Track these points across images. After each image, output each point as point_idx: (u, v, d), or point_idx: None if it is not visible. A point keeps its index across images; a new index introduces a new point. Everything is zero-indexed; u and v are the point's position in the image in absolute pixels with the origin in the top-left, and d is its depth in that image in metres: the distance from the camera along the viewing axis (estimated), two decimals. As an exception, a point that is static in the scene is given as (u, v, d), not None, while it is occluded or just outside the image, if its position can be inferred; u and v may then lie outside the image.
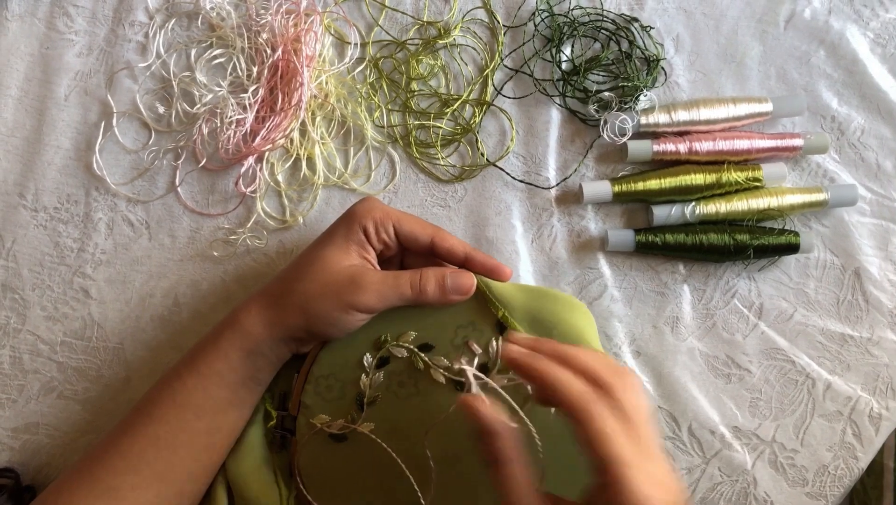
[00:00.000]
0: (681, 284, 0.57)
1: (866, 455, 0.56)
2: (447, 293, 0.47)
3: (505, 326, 0.47)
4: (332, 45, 0.59)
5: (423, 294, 0.47)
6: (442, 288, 0.47)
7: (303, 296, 0.46)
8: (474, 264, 0.49)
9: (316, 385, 0.49)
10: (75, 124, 0.58)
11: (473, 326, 0.48)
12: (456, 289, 0.47)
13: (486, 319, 0.47)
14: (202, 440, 0.46)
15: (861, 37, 0.60)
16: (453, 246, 0.48)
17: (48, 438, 0.55)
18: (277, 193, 0.58)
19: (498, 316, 0.47)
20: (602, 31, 0.59)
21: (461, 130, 0.59)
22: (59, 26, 0.59)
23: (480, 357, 0.47)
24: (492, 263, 0.49)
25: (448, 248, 0.48)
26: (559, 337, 0.46)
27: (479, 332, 0.47)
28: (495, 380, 0.45)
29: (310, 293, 0.46)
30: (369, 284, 0.46)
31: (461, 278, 0.48)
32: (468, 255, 0.49)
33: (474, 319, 0.48)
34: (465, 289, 0.48)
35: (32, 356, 0.56)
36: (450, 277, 0.47)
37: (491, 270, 0.49)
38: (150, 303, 0.56)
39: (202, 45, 0.59)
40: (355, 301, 0.45)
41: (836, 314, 0.57)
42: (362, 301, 0.45)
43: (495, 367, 0.47)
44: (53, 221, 0.57)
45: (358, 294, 0.45)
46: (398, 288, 0.46)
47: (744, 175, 0.56)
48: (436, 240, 0.48)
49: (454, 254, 0.48)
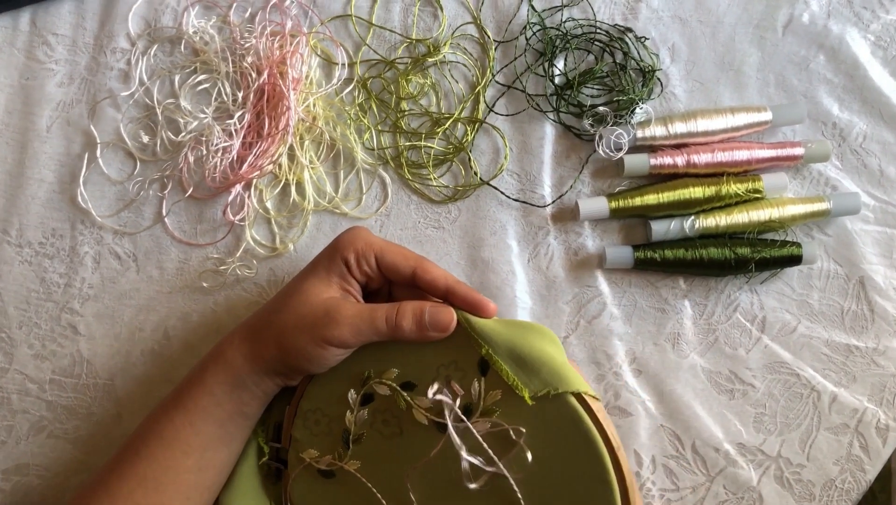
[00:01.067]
0: (681, 300, 0.56)
1: (874, 468, 0.56)
2: (424, 330, 0.45)
3: (488, 366, 0.45)
4: (319, 67, 0.58)
5: (398, 330, 0.45)
6: (419, 324, 0.45)
7: (279, 328, 0.45)
8: (456, 298, 0.46)
9: (305, 419, 0.48)
10: (58, 156, 0.57)
11: (455, 365, 0.46)
12: (434, 325, 0.45)
13: (469, 358, 0.45)
14: (191, 478, 0.46)
15: (861, 40, 0.59)
16: (435, 278, 0.46)
17: (39, 478, 0.54)
18: (267, 221, 0.57)
19: (482, 353, 0.45)
20: (595, 43, 0.57)
21: (453, 150, 0.57)
22: (39, 56, 0.58)
23: (463, 398, 0.45)
24: (474, 298, 0.46)
25: (430, 281, 0.46)
26: (548, 375, 0.44)
27: (462, 371, 0.45)
28: (478, 424, 0.44)
29: (286, 326, 0.45)
30: (344, 317, 0.44)
31: (440, 315, 0.45)
32: (449, 287, 0.46)
33: (456, 358, 0.46)
34: (444, 326, 0.45)
35: (21, 396, 0.55)
36: (428, 313, 0.45)
37: (473, 305, 0.46)
38: (140, 337, 0.55)
39: (186, 71, 0.58)
40: (328, 335, 0.44)
41: (840, 325, 0.57)
42: (335, 335, 0.44)
43: (478, 410, 0.45)
44: (39, 257, 0.56)
45: (331, 328, 0.44)
46: (373, 322, 0.44)
47: (744, 186, 0.55)
48: (418, 271, 0.46)
49: (435, 287, 0.46)
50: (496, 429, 0.44)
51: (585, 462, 0.43)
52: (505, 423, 0.44)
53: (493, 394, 0.45)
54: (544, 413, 0.44)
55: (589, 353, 0.56)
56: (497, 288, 0.56)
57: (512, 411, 0.44)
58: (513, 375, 0.44)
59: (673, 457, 0.55)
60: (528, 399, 0.44)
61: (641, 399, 0.55)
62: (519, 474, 0.44)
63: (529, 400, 0.44)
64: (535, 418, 0.44)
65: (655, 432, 0.55)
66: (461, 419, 0.42)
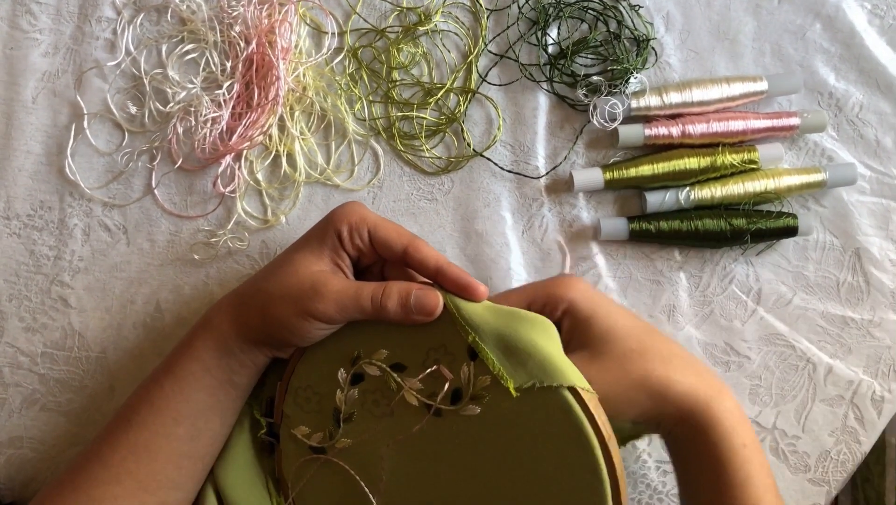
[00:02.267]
0: (677, 272, 0.56)
1: (869, 439, 0.56)
2: (409, 312, 0.44)
3: (476, 352, 0.44)
4: (309, 36, 0.57)
5: (382, 310, 0.44)
6: (404, 306, 0.44)
7: (265, 297, 0.45)
8: (445, 279, 0.45)
9: (295, 396, 0.48)
10: (45, 128, 0.56)
11: (445, 348, 0.45)
12: (419, 309, 0.44)
13: (458, 343, 0.44)
14: (182, 447, 0.45)
15: (858, 8, 0.58)
16: (426, 257, 0.45)
17: (33, 451, 0.54)
18: (258, 192, 0.56)
19: (468, 341, 0.44)
20: (589, 11, 0.57)
21: (446, 120, 0.57)
22: (23, 25, 0.57)
23: (453, 382, 0.44)
24: (464, 280, 0.45)
25: (420, 260, 0.45)
26: (535, 367, 0.43)
27: (451, 355, 0.45)
28: (469, 409, 0.44)
29: (272, 295, 0.45)
30: (330, 292, 0.43)
31: (426, 298, 0.44)
32: (440, 268, 0.45)
33: (446, 342, 0.45)
34: (429, 310, 0.44)
35: (13, 369, 0.55)
36: (414, 296, 0.44)
37: (463, 287, 0.45)
38: (132, 310, 0.55)
39: (173, 41, 0.57)
40: (312, 308, 0.43)
41: (836, 297, 0.56)
42: (319, 309, 0.43)
43: (467, 394, 0.45)
44: (27, 229, 0.55)
45: (316, 301, 0.43)
46: (358, 300, 0.44)
47: (739, 157, 0.55)
48: (409, 249, 0.45)
49: (426, 266, 0.45)
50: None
51: (574, 455, 0.43)
52: (493, 410, 0.44)
53: (482, 379, 0.44)
54: (531, 404, 0.43)
55: (583, 325, 0.56)
56: (491, 260, 0.56)
57: (501, 397, 0.44)
58: (499, 365, 0.43)
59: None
60: (512, 391, 0.43)
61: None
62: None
63: (514, 392, 0.43)
64: (522, 408, 0.43)
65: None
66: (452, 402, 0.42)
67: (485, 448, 0.44)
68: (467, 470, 0.45)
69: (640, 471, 0.55)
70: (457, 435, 0.44)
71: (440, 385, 0.44)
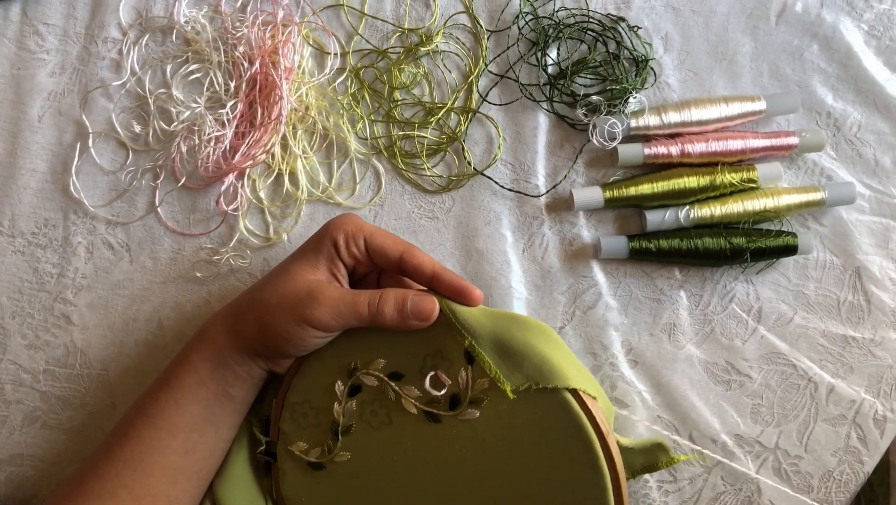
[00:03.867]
0: (677, 290, 0.56)
1: (872, 459, 0.55)
2: (406, 318, 0.44)
3: (473, 357, 0.44)
4: (312, 56, 0.58)
5: (379, 316, 0.44)
6: (401, 312, 0.44)
7: (261, 306, 0.45)
8: (441, 285, 0.45)
9: (292, 411, 0.48)
10: (50, 146, 0.57)
11: (442, 354, 0.45)
12: (416, 314, 0.44)
13: (455, 348, 0.45)
14: (178, 461, 0.45)
15: (855, 29, 0.58)
16: (421, 264, 0.45)
17: (33, 469, 0.54)
18: (260, 210, 0.57)
19: (465, 345, 0.44)
20: (588, 32, 0.57)
21: (447, 139, 0.57)
22: (30, 45, 0.58)
23: (450, 388, 0.45)
24: (459, 285, 0.45)
25: (416, 265, 0.45)
26: (531, 368, 0.44)
27: (448, 360, 0.45)
28: (468, 413, 0.44)
29: (268, 304, 0.45)
30: (326, 298, 0.44)
31: (422, 303, 0.44)
32: (435, 273, 0.45)
33: (442, 348, 0.45)
34: (425, 315, 0.44)
35: (14, 386, 0.55)
36: (410, 301, 0.44)
37: (458, 292, 0.45)
38: (134, 327, 0.55)
39: (177, 61, 0.57)
40: (309, 315, 0.43)
41: (837, 316, 0.56)
42: (316, 316, 0.43)
43: (466, 399, 0.45)
44: (31, 247, 0.56)
45: (312, 308, 0.43)
46: (355, 306, 0.44)
47: (738, 176, 0.55)
48: (405, 256, 0.45)
49: (421, 272, 0.45)
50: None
51: (574, 452, 0.43)
52: (492, 412, 0.44)
53: (480, 382, 0.44)
54: (530, 406, 0.43)
55: (585, 343, 0.56)
56: (492, 278, 0.56)
57: (499, 400, 0.44)
58: (495, 368, 0.44)
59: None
60: (509, 393, 0.43)
61: (638, 390, 0.55)
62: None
63: (511, 394, 0.43)
64: (521, 410, 0.44)
65: (652, 423, 0.55)
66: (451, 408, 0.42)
67: (485, 451, 0.44)
68: (468, 473, 0.45)
69: (641, 490, 0.54)
70: (456, 439, 0.45)
71: (438, 391, 0.45)
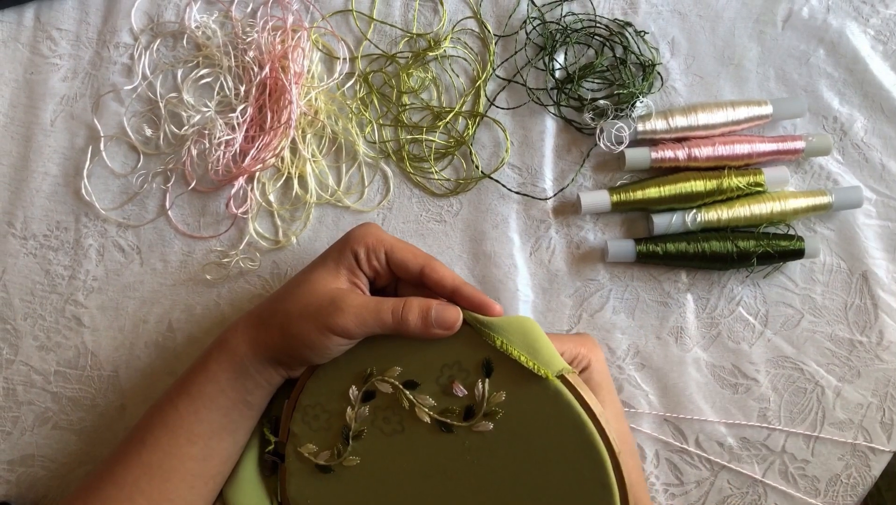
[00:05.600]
0: (684, 294, 0.56)
1: (879, 463, 0.55)
2: (430, 326, 0.44)
3: (492, 368, 0.45)
4: (321, 61, 0.58)
5: (403, 324, 0.44)
6: (425, 320, 0.44)
7: (284, 315, 0.45)
8: (462, 298, 0.46)
9: (304, 413, 0.48)
10: (62, 150, 0.57)
11: (459, 365, 0.45)
12: (440, 322, 0.44)
13: (472, 360, 0.45)
14: (195, 467, 0.46)
15: (861, 34, 0.59)
16: (443, 277, 0.46)
17: (44, 469, 0.55)
18: (269, 214, 0.57)
19: (496, 344, 0.44)
20: (595, 37, 0.58)
21: (455, 143, 0.58)
22: (43, 50, 0.58)
23: (466, 399, 0.45)
24: (480, 299, 0.46)
25: (437, 280, 0.46)
26: (558, 361, 0.45)
27: (465, 372, 0.45)
28: (481, 425, 0.45)
29: (291, 313, 0.45)
30: (349, 306, 0.44)
31: (446, 312, 0.45)
32: (456, 288, 0.46)
33: (460, 359, 0.45)
34: (450, 323, 0.45)
35: (26, 387, 0.55)
36: (435, 310, 0.45)
37: (479, 305, 0.46)
38: (144, 329, 0.56)
39: (188, 66, 0.58)
40: (332, 323, 0.44)
41: (844, 319, 0.56)
42: (340, 323, 0.44)
43: (481, 411, 0.45)
44: (43, 249, 0.56)
45: (336, 316, 0.44)
46: (379, 314, 0.44)
47: (745, 180, 0.55)
48: (426, 269, 0.46)
49: (443, 285, 0.46)
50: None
51: (582, 462, 0.43)
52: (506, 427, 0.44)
53: (496, 395, 0.45)
54: (543, 422, 0.44)
55: (591, 346, 0.56)
56: (499, 281, 0.56)
57: (514, 415, 0.44)
58: (532, 360, 0.44)
59: (677, 451, 0.55)
60: (551, 377, 0.43)
61: (645, 392, 0.55)
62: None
63: (553, 378, 0.43)
64: (534, 426, 0.44)
65: (659, 427, 0.55)
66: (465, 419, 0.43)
67: (495, 464, 0.44)
68: (476, 486, 0.45)
69: (649, 494, 0.55)
70: (468, 451, 0.45)
71: (453, 402, 0.45)
